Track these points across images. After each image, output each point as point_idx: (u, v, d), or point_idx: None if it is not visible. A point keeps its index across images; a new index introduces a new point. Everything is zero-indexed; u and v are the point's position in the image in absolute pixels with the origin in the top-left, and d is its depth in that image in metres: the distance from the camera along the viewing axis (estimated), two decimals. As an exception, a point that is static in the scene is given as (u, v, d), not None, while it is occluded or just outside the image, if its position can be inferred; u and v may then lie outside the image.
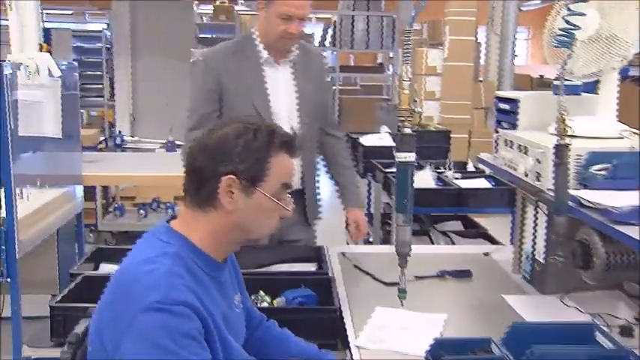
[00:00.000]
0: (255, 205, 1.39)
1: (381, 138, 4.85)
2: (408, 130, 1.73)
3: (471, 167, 4.09)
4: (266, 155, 1.38)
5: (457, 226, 3.91)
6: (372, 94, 10.65)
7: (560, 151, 1.66)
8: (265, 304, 2.05)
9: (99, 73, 9.87)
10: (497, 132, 2.47)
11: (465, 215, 3.88)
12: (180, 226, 1.42)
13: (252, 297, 2.07)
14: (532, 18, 11.32)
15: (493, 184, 3.56)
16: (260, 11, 2.42)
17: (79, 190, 3.41)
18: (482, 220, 3.94)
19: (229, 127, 1.40)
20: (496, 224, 3.82)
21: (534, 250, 2.24)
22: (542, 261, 2.18)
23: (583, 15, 1.93)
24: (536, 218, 2.22)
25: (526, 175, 2.09)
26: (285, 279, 2.14)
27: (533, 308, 2.06)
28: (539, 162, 1.99)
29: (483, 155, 2.52)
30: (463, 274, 2.37)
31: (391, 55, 10.02)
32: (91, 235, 5.34)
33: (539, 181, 2.00)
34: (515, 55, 6.06)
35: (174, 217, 1.46)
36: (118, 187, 5.56)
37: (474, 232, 3.72)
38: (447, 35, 6.44)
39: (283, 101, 2.47)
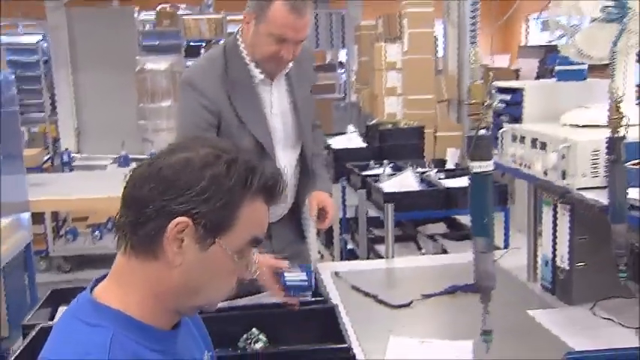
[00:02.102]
0: (210, 262, 1.02)
1: (350, 139, 4.60)
2: (483, 132, 1.38)
3: (450, 165, 3.87)
4: (238, 199, 1.02)
5: (441, 228, 3.69)
6: (326, 94, 10.38)
7: (616, 145, 1.41)
8: (261, 344, 1.75)
9: (37, 87, 9.31)
10: (496, 127, 2.24)
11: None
12: (110, 293, 1.04)
13: (245, 336, 1.77)
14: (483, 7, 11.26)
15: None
16: (245, 24, 2.01)
17: (26, 217, 3.03)
18: (466, 221, 3.72)
19: (194, 151, 1.03)
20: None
21: (555, 256, 2.00)
22: (566, 268, 1.95)
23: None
24: (556, 220, 1.98)
25: (545, 174, 1.85)
26: (282, 312, 1.84)
27: (566, 324, 1.82)
28: (563, 158, 1.75)
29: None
30: (475, 288, 2.10)
31: (343, 52, 9.79)
32: (42, 262, 4.93)
33: (564, 179, 1.76)
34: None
35: (99, 280, 1.08)
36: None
37: (461, 233, 3.49)
38: (405, 28, 6.21)
39: (282, 122, 2.13)
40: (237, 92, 2.03)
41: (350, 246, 4.05)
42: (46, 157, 5.69)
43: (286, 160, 2.11)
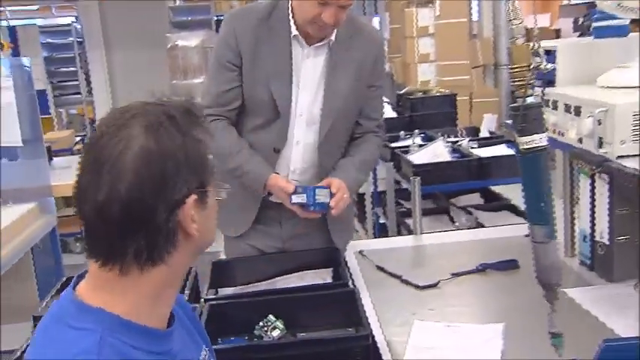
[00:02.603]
0: (211, 210, 1.00)
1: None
2: (531, 100, 1.19)
3: (484, 133, 3.70)
4: (199, 145, 0.96)
5: (476, 199, 3.54)
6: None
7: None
8: (278, 332, 1.66)
9: (73, 68, 9.38)
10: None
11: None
12: (95, 294, 0.94)
13: (261, 323, 1.68)
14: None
15: (515, 150, 3.16)
16: None
17: (51, 201, 3.00)
18: (502, 190, 3.56)
19: (132, 130, 0.91)
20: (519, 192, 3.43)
21: (594, 230, 1.85)
22: (606, 242, 1.80)
23: None
24: (594, 191, 1.83)
25: (580, 142, 1.70)
26: (299, 297, 1.75)
27: (606, 303, 1.68)
28: (600, 124, 1.59)
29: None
30: (508, 266, 1.98)
31: (376, 20, 9.54)
32: (77, 244, 4.95)
33: (601, 147, 1.60)
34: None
35: (81, 277, 0.99)
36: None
37: (497, 204, 3.34)
38: (437, -9, 6.01)
39: (307, 96, 1.93)
40: (270, 40, 1.90)
41: (382, 220, 3.94)
42: (77, 139, 5.70)
43: (302, 136, 1.95)
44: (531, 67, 1.18)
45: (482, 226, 3.03)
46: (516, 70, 1.20)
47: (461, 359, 1.47)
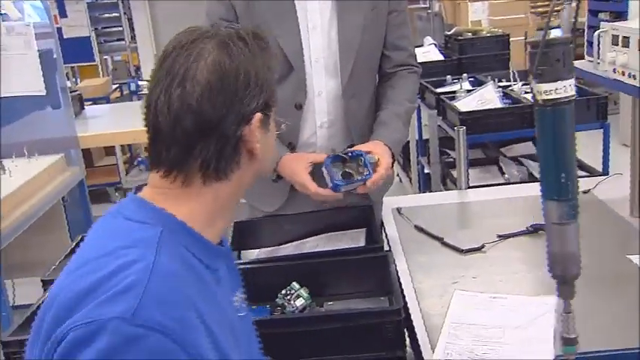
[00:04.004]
0: (272, 136, 1.04)
1: (427, 52, 4.18)
2: (557, 33, 0.97)
3: (540, 76, 3.39)
4: (267, 68, 0.98)
5: (529, 148, 3.28)
6: (409, 3, 9.75)
7: None
8: (302, 302, 1.50)
9: (116, 14, 9.25)
10: (591, 27, 1.82)
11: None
12: (157, 198, 0.95)
13: (284, 292, 1.52)
14: None
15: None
16: None
17: (77, 153, 2.89)
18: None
19: (206, 46, 0.93)
20: (578, 140, 3.14)
21: (666, 187, 1.61)
22: (680, 203, 1.56)
23: None
24: (668, 143, 1.58)
25: (655, 85, 1.45)
26: (326, 262, 1.58)
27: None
28: (680, 65, 1.34)
29: (577, 63, 1.85)
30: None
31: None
32: (117, 194, 4.91)
33: (681, 93, 1.35)
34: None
35: (139, 189, 0.99)
36: (140, 138, 5.08)
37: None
38: None
39: (319, 38, 1.71)
40: None
41: (427, 170, 3.72)
42: (114, 87, 5.60)
43: (324, 85, 1.74)
44: None
45: (536, 179, 2.79)
46: None
47: (506, 346, 1.28)
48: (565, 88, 0.89)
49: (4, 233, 2.20)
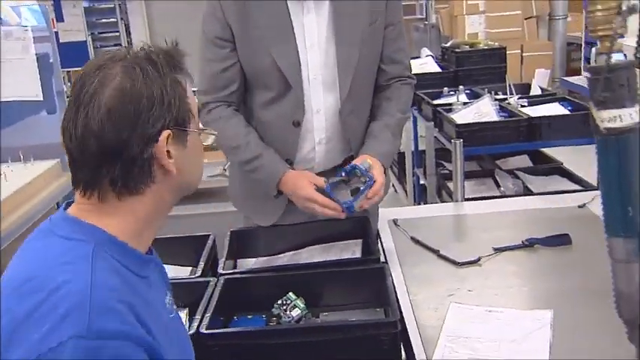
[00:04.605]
0: (192, 150, 1.06)
1: (424, 63, 4.20)
2: (618, 58, 0.85)
3: (536, 89, 3.42)
4: (179, 85, 1.02)
5: (524, 161, 3.30)
6: (405, 15, 9.79)
7: None
8: (298, 312, 1.51)
9: (113, 19, 9.26)
10: (589, 44, 1.83)
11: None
12: (84, 214, 0.99)
13: (280, 302, 1.53)
14: None
15: (570, 109, 2.90)
16: None
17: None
18: (553, 152, 3.30)
19: (111, 71, 0.97)
20: (573, 155, 3.17)
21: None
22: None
23: None
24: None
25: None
26: (322, 273, 1.59)
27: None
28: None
29: (574, 78, 1.86)
30: (559, 241, 1.76)
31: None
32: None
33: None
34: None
35: (69, 205, 1.04)
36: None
37: (547, 167, 3.09)
38: None
39: (317, 54, 1.70)
40: (261, 2, 1.67)
41: (422, 181, 3.73)
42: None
43: (322, 102, 1.73)
44: (623, 8, 0.83)
45: (531, 192, 2.80)
46: (599, 12, 0.85)
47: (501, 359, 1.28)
48: (631, 116, 0.84)
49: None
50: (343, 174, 1.63)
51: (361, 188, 1.61)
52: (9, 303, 0.89)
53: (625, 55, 0.87)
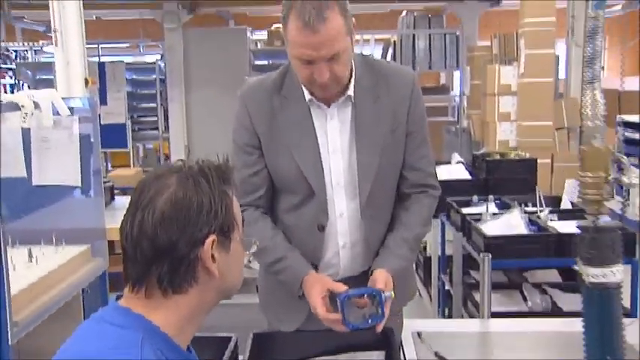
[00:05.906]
0: (234, 257, 1.16)
1: (455, 169, 4.24)
2: (607, 221, 0.94)
3: (566, 203, 3.41)
4: (227, 197, 1.14)
5: (553, 275, 3.25)
6: (437, 117, 9.99)
7: None
8: None
9: (153, 105, 9.60)
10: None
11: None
12: (136, 306, 1.10)
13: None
14: (608, 26, 10.44)
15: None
16: None
17: (103, 244, 2.92)
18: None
19: (167, 181, 1.10)
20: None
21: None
22: None
23: None
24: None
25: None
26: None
27: None
28: None
29: (611, 204, 1.86)
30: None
31: (458, 74, 9.37)
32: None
33: None
34: (602, 67, 5.33)
35: (120, 297, 1.15)
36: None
37: (577, 284, 3.03)
38: (522, 49, 5.76)
39: (339, 160, 1.74)
40: (286, 110, 1.73)
41: (448, 287, 3.69)
42: (145, 176, 5.70)
43: (345, 206, 1.76)
44: (610, 178, 0.91)
45: (559, 310, 2.74)
46: (590, 179, 0.93)
47: None
48: (613, 273, 0.90)
49: (23, 323, 2.20)
50: (365, 295, 1.62)
51: (369, 321, 1.62)
52: None
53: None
